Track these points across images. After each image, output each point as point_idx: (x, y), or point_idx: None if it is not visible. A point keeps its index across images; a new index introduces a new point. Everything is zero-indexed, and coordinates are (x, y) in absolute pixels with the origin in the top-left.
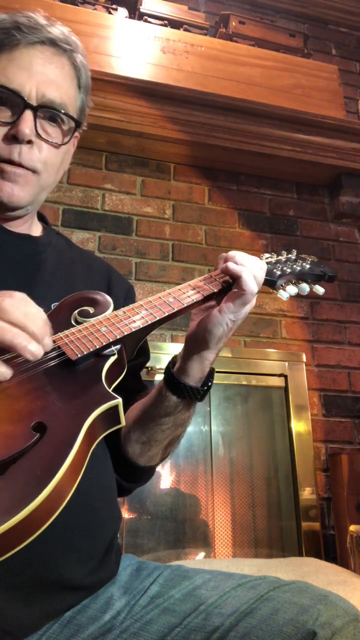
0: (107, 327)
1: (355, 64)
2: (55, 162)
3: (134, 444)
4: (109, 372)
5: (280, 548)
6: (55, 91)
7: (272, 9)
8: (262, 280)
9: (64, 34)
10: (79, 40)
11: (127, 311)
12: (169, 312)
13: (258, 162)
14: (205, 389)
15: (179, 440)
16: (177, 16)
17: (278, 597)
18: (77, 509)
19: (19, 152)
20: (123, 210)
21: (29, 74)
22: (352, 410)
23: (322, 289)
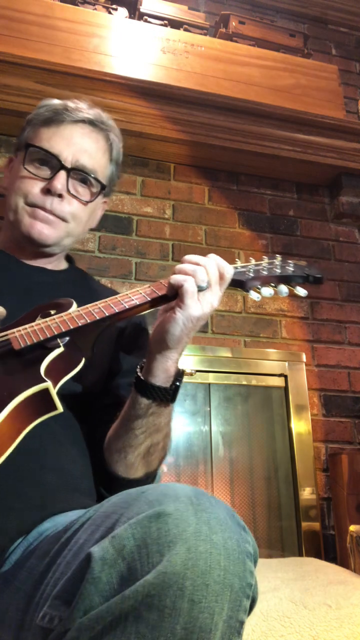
0: (58, 322)
1: (355, 64)
2: (81, 215)
3: (112, 452)
4: (54, 365)
5: (280, 548)
6: (88, 159)
7: (272, 9)
8: (214, 275)
9: (102, 116)
10: (113, 122)
11: (81, 310)
12: (120, 310)
13: (258, 162)
14: (174, 389)
15: (161, 451)
16: (177, 16)
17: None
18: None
19: (50, 202)
20: (123, 210)
21: (68, 143)
22: (352, 410)
23: (304, 290)
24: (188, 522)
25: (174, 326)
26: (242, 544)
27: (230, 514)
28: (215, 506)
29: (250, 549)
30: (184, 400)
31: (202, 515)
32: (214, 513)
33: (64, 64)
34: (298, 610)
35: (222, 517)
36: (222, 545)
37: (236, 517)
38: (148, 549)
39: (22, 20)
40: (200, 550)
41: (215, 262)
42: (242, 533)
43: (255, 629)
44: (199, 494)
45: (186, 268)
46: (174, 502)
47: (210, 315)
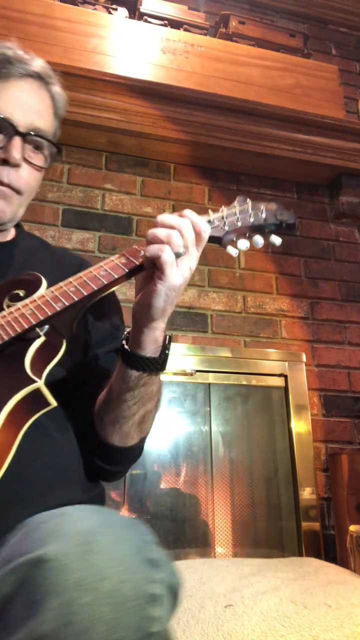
0: (33, 309)
1: (355, 64)
2: (35, 184)
3: (106, 425)
4: (37, 355)
5: (280, 548)
6: (41, 121)
7: (272, 9)
8: (190, 237)
9: (44, 67)
10: (52, 72)
11: (55, 290)
12: (98, 287)
13: (258, 162)
14: (163, 358)
15: (153, 416)
16: (177, 16)
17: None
18: (13, 490)
19: (7, 174)
20: (123, 210)
21: (18, 104)
22: (352, 410)
23: (279, 239)
24: (70, 568)
25: (157, 299)
26: (142, 586)
27: (135, 549)
28: (115, 543)
29: (158, 588)
30: (184, 400)
31: (90, 558)
32: (109, 552)
33: (64, 64)
34: (298, 610)
35: (120, 555)
36: (109, 594)
37: (145, 551)
38: (24, 600)
39: (22, 20)
40: (80, 603)
41: (190, 222)
42: (148, 571)
43: (255, 629)
44: (99, 527)
45: (160, 234)
46: (59, 543)
47: (210, 315)
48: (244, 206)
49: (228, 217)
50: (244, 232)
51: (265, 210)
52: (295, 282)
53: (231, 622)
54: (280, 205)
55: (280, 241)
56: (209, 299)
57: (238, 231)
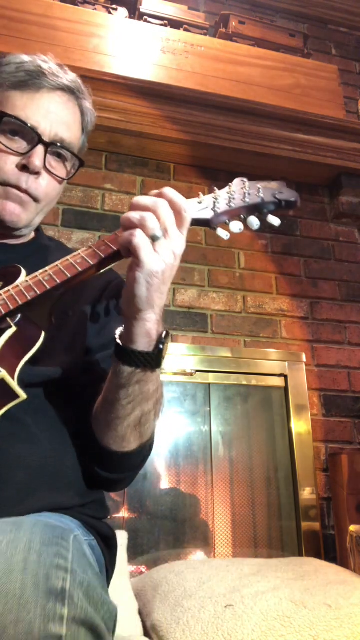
0: (5, 299)
1: (355, 64)
2: (54, 194)
3: (102, 425)
4: (8, 348)
5: (280, 548)
6: (66, 132)
7: (272, 9)
8: (167, 218)
9: (76, 82)
10: (85, 88)
11: (30, 279)
12: (73, 274)
13: (258, 162)
14: (157, 353)
15: (153, 420)
16: (177, 16)
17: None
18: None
19: (26, 180)
20: (123, 210)
21: (45, 114)
22: (352, 410)
23: (277, 219)
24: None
25: (138, 287)
26: (37, 627)
27: (37, 578)
28: (11, 571)
29: (57, 628)
30: (184, 400)
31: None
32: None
33: (64, 64)
34: (298, 610)
35: (13, 588)
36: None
37: (50, 581)
38: None
39: (22, 20)
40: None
41: (167, 202)
42: (48, 606)
43: (255, 629)
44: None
45: (132, 217)
46: None
47: (210, 315)
48: (241, 186)
49: (220, 198)
50: (238, 213)
51: (262, 189)
52: (295, 282)
53: (231, 622)
54: (281, 183)
55: (279, 222)
56: (209, 299)
57: (231, 212)
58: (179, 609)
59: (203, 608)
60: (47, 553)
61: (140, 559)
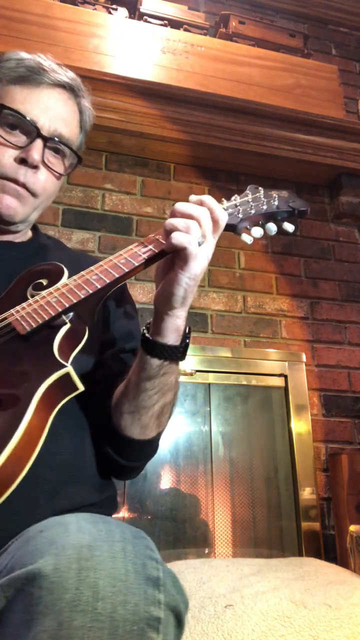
0: (57, 297)
1: (355, 64)
2: (52, 189)
3: (125, 415)
4: (64, 342)
5: (280, 548)
6: (65, 128)
7: (272, 9)
8: (208, 226)
9: (76, 80)
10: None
11: (78, 278)
12: (120, 274)
13: (258, 162)
14: (184, 346)
15: (171, 410)
16: (177, 16)
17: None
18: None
19: (24, 174)
20: (123, 210)
21: (45, 109)
22: (352, 410)
23: (291, 226)
24: (66, 586)
25: (178, 288)
26: (142, 609)
27: (136, 566)
28: (113, 559)
29: (159, 611)
30: (184, 400)
31: (87, 576)
32: (107, 569)
33: (64, 64)
34: (298, 610)
35: (120, 573)
36: (107, 616)
37: (147, 569)
38: (19, 617)
39: (22, 20)
40: (74, 626)
41: (208, 211)
42: (149, 591)
43: (255, 629)
44: (97, 540)
45: (179, 225)
46: (56, 557)
47: (210, 315)
48: (257, 194)
49: (242, 205)
50: (257, 219)
51: (277, 197)
52: (295, 282)
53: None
54: (291, 192)
55: (293, 228)
56: (209, 299)
57: (251, 219)
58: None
59: (203, 608)
60: (140, 544)
61: None
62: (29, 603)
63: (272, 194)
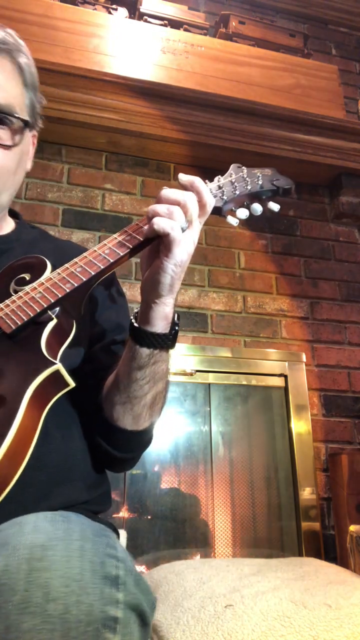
0: (42, 292)
1: (355, 64)
2: (9, 164)
3: (116, 407)
4: (51, 338)
5: (280, 548)
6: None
7: (272, 9)
8: (194, 212)
9: (2, 36)
10: (19, 39)
11: (62, 271)
12: (105, 265)
13: (258, 162)
14: (173, 334)
15: (163, 399)
16: (177, 16)
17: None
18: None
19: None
20: (123, 210)
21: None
22: (352, 410)
23: (276, 205)
24: (14, 588)
25: (164, 275)
26: (98, 609)
27: (93, 564)
28: (68, 558)
29: (114, 611)
30: (184, 400)
31: (39, 576)
32: (61, 569)
33: (64, 64)
34: (298, 610)
35: (74, 573)
36: (59, 617)
37: (105, 567)
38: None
39: (22, 20)
40: (23, 629)
41: (196, 196)
42: (106, 590)
43: (255, 629)
44: (52, 539)
45: (161, 211)
46: (7, 558)
47: (210, 315)
48: (240, 174)
49: (225, 186)
50: (242, 200)
51: (261, 176)
52: (295, 282)
53: (231, 622)
54: (275, 170)
55: (278, 207)
56: (209, 299)
57: (236, 200)
58: (179, 609)
59: (203, 608)
60: (100, 542)
61: (140, 559)
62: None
63: (255, 172)
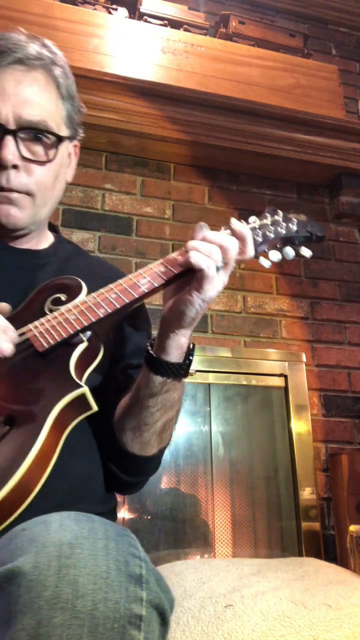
0: (76, 314)
1: (355, 64)
2: (47, 180)
3: (126, 431)
4: (80, 360)
5: (280, 548)
6: (32, 109)
7: (272, 9)
8: (233, 257)
9: (35, 49)
10: (58, 50)
11: (97, 296)
12: (139, 295)
13: (258, 162)
14: (187, 364)
15: (173, 426)
16: (177, 16)
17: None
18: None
19: (6, 178)
20: (123, 210)
21: (2, 99)
22: (352, 410)
23: (309, 251)
24: (45, 584)
25: (190, 308)
26: (124, 606)
27: (118, 563)
28: (95, 556)
29: (142, 608)
30: (184, 400)
31: (67, 573)
32: (88, 567)
33: None
34: (298, 610)
35: (101, 570)
36: (87, 614)
37: (129, 567)
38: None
39: (22, 20)
40: (54, 624)
41: (238, 243)
42: (131, 589)
43: (255, 628)
44: (79, 538)
45: (202, 249)
46: (36, 554)
47: (210, 315)
48: (275, 217)
49: (261, 228)
50: (275, 243)
51: (296, 222)
52: (295, 282)
53: (231, 622)
54: (309, 217)
55: (310, 254)
56: None
57: (270, 242)
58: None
59: (203, 608)
60: (123, 542)
61: None
62: (7, 602)
63: (290, 217)
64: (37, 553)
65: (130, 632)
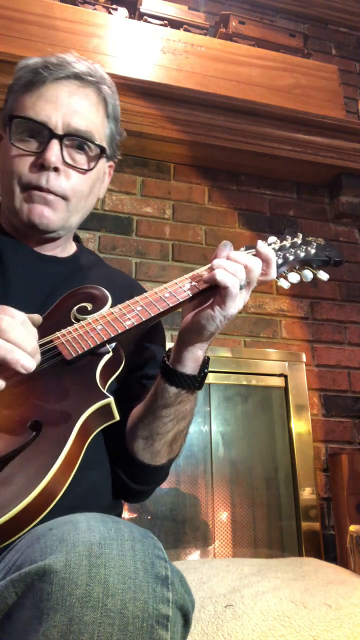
0: (103, 325)
1: (355, 64)
2: (83, 188)
3: (138, 439)
4: (104, 370)
5: (280, 548)
6: (80, 120)
7: (272, 9)
8: (256, 277)
9: (90, 68)
10: (105, 74)
11: (123, 308)
12: (164, 309)
13: (258, 162)
14: (202, 376)
15: (184, 437)
16: (177, 16)
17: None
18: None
19: (46, 179)
20: (123, 210)
21: (54, 107)
22: (352, 410)
23: (326, 275)
24: (77, 582)
25: (211, 323)
26: (151, 606)
27: (145, 565)
28: (123, 556)
29: (166, 609)
30: None
31: (98, 572)
32: (117, 567)
33: None
34: (298, 610)
35: (129, 571)
36: (117, 612)
37: (156, 568)
38: (29, 612)
39: (22, 20)
40: (85, 621)
41: (261, 265)
42: (158, 589)
43: (255, 628)
44: (107, 538)
45: (228, 267)
46: (67, 554)
47: None
48: (295, 240)
49: (281, 249)
50: (294, 265)
51: (315, 245)
52: None
53: (231, 622)
54: (327, 241)
55: (327, 277)
56: None
57: (290, 265)
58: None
59: (203, 608)
60: (148, 544)
61: None
62: (39, 599)
63: (309, 240)
64: (67, 552)
65: (158, 632)
